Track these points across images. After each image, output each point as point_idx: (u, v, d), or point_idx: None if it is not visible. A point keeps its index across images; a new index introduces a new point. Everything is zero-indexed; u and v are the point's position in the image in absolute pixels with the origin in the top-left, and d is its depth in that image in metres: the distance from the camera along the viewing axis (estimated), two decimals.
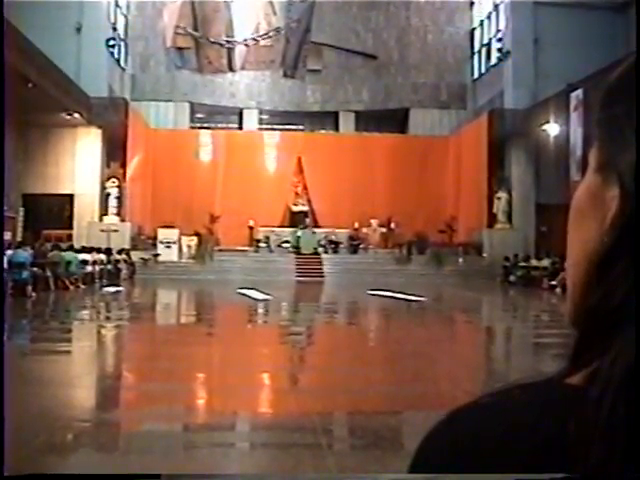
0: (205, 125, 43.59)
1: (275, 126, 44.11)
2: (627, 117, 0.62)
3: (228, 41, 39.23)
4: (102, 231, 32.37)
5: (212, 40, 38.83)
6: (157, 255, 34.49)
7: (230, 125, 44.05)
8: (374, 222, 39.47)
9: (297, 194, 41.53)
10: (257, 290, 24.09)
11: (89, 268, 27.04)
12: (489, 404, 0.64)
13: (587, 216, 0.65)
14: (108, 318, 18.17)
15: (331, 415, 7.66)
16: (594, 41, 30.33)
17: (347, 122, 44.57)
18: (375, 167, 40.08)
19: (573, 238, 0.67)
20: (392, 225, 38.88)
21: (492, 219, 35.34)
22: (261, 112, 44.60)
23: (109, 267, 29.21)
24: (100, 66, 33.99)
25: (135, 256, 32.83)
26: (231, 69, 40.14)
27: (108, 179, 33.87)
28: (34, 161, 32.32)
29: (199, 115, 43.95)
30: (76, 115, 30.56)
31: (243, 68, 40.44)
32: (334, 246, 38.09)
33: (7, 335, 12.38)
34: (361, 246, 38.51)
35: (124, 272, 30.61)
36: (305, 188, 41.52)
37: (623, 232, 0.59)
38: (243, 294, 23.38)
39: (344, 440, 6.75)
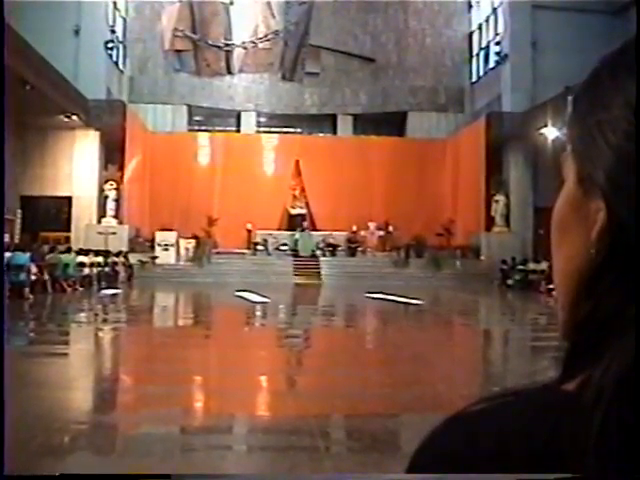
0: (203, 128, 43.56)
1: (273, 129, 44.13)
2: (598, 128, 0.60)
3: (226, 44, 39.25)
4: (100, 233, 32.36)
5: (210, 43, 38.85)
6: (155, 258, 34.49)
7: (228, 128, 44.00)
8: (372, 225, 39.48)
9: (295, 197, 41.53)
10: (255, 293, 24.09)
11: (87, 270, 27.03)
12: (484, 410, 0.64)
13: (571, 229, 0.64)
14: (105, 321, 18.15)
15: (328, 418, 7.65)
16: (592, 44, 30.09)
17: (345, 125, 44.57)
18: (373, 170, 40.06)
19: (558, 251, 0.67)
20: (390, 228, 38.88)
21: (490, 222, 35.38)
22: (259, 115, 44.58)
23: (107, 270, 29.17)
24: (98, 68, 33.98)
25: (133, 259, 32.83)
26: (229, 72, 40.16)
27: (106, 181, 33.90)
28: (32, 163, 32.30)
29: (197, 118, 43.93)
30: (74, 117, 30.56)
31: (241, 71, 40.47)
32: (332, 249, 38.09)
33: (5, 337, 12.37)
34: (359, 249, 38.54)
35: (122, 275, 30.60)
36: (303, 191, 41.50)
37: (611, 246, 0.58)
38: (241, 297, 23.37)
39: (341, 443, 6.74)
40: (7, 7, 19.23)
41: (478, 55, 42.14)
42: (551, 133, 29.41)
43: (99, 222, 33.64)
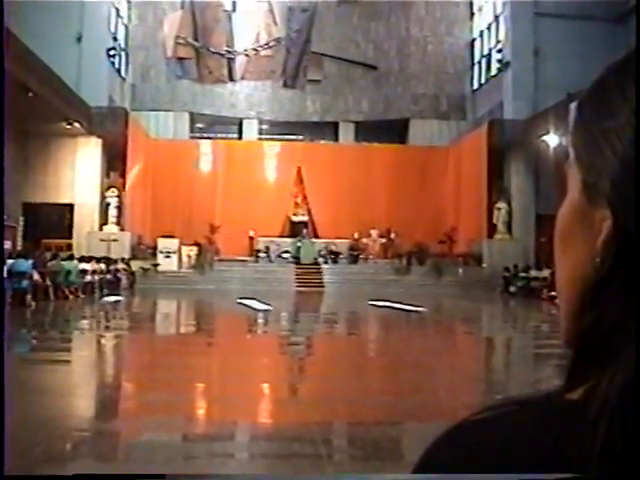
0: (205, 135, 43.63)
1: (275, 136, 44.13)
2: (604, 136, 0.60)
3: (229, 51, 39.37)
4: (102, 240, 32.36)
5: (212, 50, 38.97)
6: (157, 265, 34.46)
7: (230, 135, 44.04)
8: (374, 232, 39.45)
9: (297, 204, 41.54)
10: (257, 300, 24.06)
11: (89, 277, 27.01)
12: (488, 419, 0.64)
13: (576, 237, 0.64)
14: (107, 328, 18.14)
15: (330, 425, 7.64)
16: (594, 52, 30.30)
17: (347, 132, 44.61)
18: (375, 177, 40.07)
19: (562, 260, 0.66)
20: (392, 235, 38.86)
21: (492, 230, 35.33)
22: (261, 122, 44.63)
23: (109, 277, 29.16)
24: (100, 76, 34.02)
25: (135, 266, 32.79)
26: (231, 79, 40.27)
27: (108, 188, 33.87)
28: (34, 170, 32.29)
29: (199, 125, 43.99)
30: (76, 125, 30.54)
31: (243, 78, 40.57)
32: (334, 256, 38.06)
33: (7, 344, 12.36)
34: (361, 256, 38.49)
35: (124, 282, 30.57)
36: (305, 198, 41.52)
37: (616, 255, 0.58)
38: (243, 304, 23.34)
39: (343, 450, 6.73)
40: (9, 13, 19.27)
41: (480, 62, 42.17)
42: (553, 140, 29.41)
43: (101, 229, 33.61)
